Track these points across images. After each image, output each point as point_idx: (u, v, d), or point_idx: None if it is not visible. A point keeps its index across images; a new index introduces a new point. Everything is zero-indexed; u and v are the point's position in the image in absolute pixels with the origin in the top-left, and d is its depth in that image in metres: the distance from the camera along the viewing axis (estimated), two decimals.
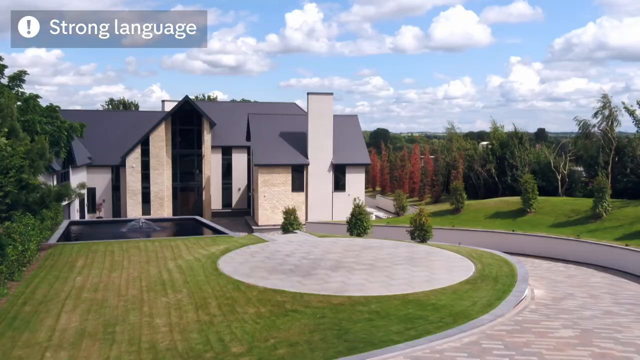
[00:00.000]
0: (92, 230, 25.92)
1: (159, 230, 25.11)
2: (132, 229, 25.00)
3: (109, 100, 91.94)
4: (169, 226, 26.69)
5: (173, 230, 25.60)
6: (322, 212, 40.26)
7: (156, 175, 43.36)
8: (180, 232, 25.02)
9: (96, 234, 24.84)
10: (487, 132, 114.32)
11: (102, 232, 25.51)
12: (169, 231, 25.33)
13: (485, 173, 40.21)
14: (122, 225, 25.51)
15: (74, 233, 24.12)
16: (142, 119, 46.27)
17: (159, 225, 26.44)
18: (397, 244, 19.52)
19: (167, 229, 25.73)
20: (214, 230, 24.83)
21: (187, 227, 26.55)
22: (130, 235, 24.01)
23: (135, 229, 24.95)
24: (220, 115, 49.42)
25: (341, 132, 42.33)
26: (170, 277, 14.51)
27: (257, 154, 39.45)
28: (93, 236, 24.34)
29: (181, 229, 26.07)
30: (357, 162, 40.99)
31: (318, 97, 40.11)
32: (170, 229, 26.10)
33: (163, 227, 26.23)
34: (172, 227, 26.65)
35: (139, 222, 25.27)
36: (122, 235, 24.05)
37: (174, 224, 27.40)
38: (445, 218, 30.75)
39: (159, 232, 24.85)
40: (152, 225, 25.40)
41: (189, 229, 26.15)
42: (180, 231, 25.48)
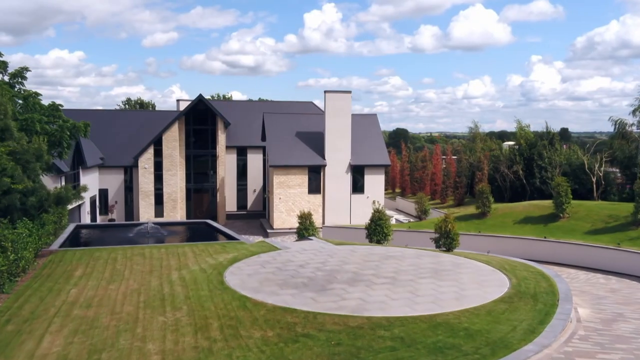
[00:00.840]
0: (99, 234, 24.96)
1: (167, 235, 24.01)
2: (139, 233, 23.97)
3: (126, 100, 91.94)
4: (178, 231, 25.59)
5: (182, 235, 24.49)
6: (339, 215, 38.87)
7: (169, 176, 42.47)
8: (189, 238, 23.90)
9: (102, 239, 23.86)
10: (508, 132, 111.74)
11: (108, 236, 24.52)
12: (178, 236, 24.22)
13: (512, 175, 38.34)
14: (130, 230, 24.50)
15: (79, 238, 23.17)
16: (156, 119, 45.45)
17: (168, 230, 25.37)
18: (421, 253, 18.03)
19: (176, 234, 24.63)
20: (225, 235, 23.65)
21: (197, 232, 25.43)
22: (137, 240, 22.99)
23: (143, 234, 23.91)
24: (236, 115, 48.40)
25: (360, 131, 40.89)
26: (172, 290, 13.29)
27: (272, 155, 38.24)
28: (98, 241, 23.37)
29: (190, 234, 24.95)
30: (377, 163, 39.49)
31: (335, 96, 38.73)
32: (179, 233, 24.99)
33: (172, 231, 25.14)
34: (182, 231, 25.55)
35: (147, 226, 24.21)
36: (129, 240, 23.04)
37: (183, 228, 26.30)
38: (470, 223, 29.09)
39: (167, 237, 23.76)
40: (160, 229, 24.33)
41: (198, 233, 25.03)
42: (190, 236, 24.35)
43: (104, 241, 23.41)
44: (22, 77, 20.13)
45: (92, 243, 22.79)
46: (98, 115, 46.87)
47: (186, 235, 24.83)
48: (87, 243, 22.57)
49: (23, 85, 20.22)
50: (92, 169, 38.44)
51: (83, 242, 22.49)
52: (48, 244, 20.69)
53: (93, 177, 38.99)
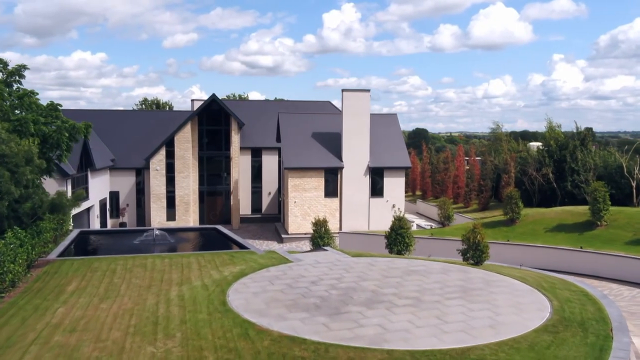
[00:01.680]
0: (103, 241, 23.86)
1: (174, 242, 22.77)
2: (145, 240, 22.78)
3: (143, 100, 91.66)
4: (186, 237, 24.34)
5: (189, 243, 23.23)
6: (357, 220, 37.32)
7: (181, 179, 41.42)
8: (196, 245, 22.62)
9: (105, 247, 22.74)
10: (530, 132, 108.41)
11: (112, 243, 23.40)
12: (185, 244, 22.96)
13: (541, 178, 36.29)
14: (136, 236, 23.32)
15: (81, 245, 22.06)
16: (170, 119, 44.47)
17: (176, 236, 24.13)
18: (447, 267, 16.40)
19: (183, 241, 23.38)
20: (235, 243, 22.31)
21: (206, 239, 24.15)
22: (142, 248, 21.82)
23: (149, 241, 22.71)
24: (251, 115, 47.19)
25: (379, 132, 39.28)
26: (167, 312, 11.93)
27: (287, 156, 36.86)
28: (101, 249, 22.24)
29: (198, 241, 23.68)
30: (397, 165, 37.82)
31: (353, 94, 37.19)
32: (187, 240, 23.74)
33: (179, 238, 23.90)
34: (189, 238, 24.30)
35: (152, 233, 23.00)
36: (133, 248, 21.88)
37: (191, 235, 25.05)
38: (498, 230, 27.27)
39: (174, 244, 22.52)
40: (167, 237, 23.10)
41: (207, 241, 23.75)
42: (197, 244, 23.08)
43: (107, 249, 22.28)
44: (19, 75, 19.06)
45: (94, 251, 21.67)
46: (110, 115, 46.13)
47: (194, 243, 23.57)
48: (89, 251, 21.45)
49: (21, 84, 19.15)
50: (101, 171, 37.55)
51: (84, 250, 21.37)
52: (46, 252, 19.62)
53: (103, 179, 38.11)
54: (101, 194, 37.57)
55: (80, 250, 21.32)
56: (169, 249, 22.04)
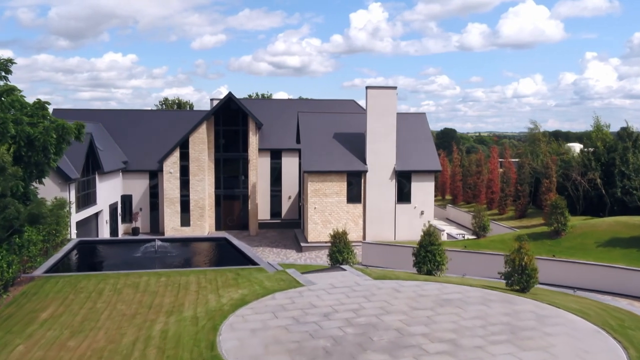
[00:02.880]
0: (101, 252, 22.03)
1: (176, 255, 20.76)
2: (146, 253, 20.85)
3: (164, 100, 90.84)
4: (191, 249, 22.32)
5: (194, 256, 21.18)
6: (382, 228, 34.78)
7: (196, 182, 39.59)
8: (201, 259, 20.53)
9: (102, 259, 20.86)
10: (562, 132, 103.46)
11: (111, 255, 21.54)
12: (189, 256, 20.92)
13: (587, 183, 33.09)
14: (139, 247, 21.41)
15: (75, 258, 20.23)
16: (187, 119, 42.59)
17: (181, 248, 22.15)
18: (487, 295, 13.82)
19: (187, 254, 21.34)
20: (244, 257, 20.16)
21: (213, 252, 22.09)
22: (142, 262, 19.91)
23: (150, 253, 20.78)
24: (271, 115, 45.13)
25: (406, 132, 36.64)
26: (143, 356, 9.76)
27: (306, 159, 34.59)
28: (96, 262, 20.37)
29: (204, 254, 21.61)
30: (426, 169, 35.13)
31: (379, 92, 34.67)
32: (192, 253, 21.70)
33: (184, 250, 21.88)
34: (194, 251, 22.26)
35: (154, 244, 21.05)
36: (132, 261, 19.98)
37: (197, 247, 23.02)
38: (541, 244, 24.40)
39: (176, 257, 20.51)
40: (170, 249, 21.11)
41: (214, 254, 21.69)
42: (203, 257, 21.00)
43: (103, 262, 20.42)
44: (5, 70, 17.26)
45: (88, 265, 19.80)
46: (124, 115, 44.68)
47: (199, 256, 21.51)
48: (82, 265, 19.59)
49: (7, 80, 17.35)
50: (112, 174, 35.97)
51: (78, 264, 19.52)
52: (33, 267, 17.83)
53: (113, 183, 36.53)
54: (111, 198, 36.00)
55: (73, 264, 19.50)
56: (170, 263, 20.07)
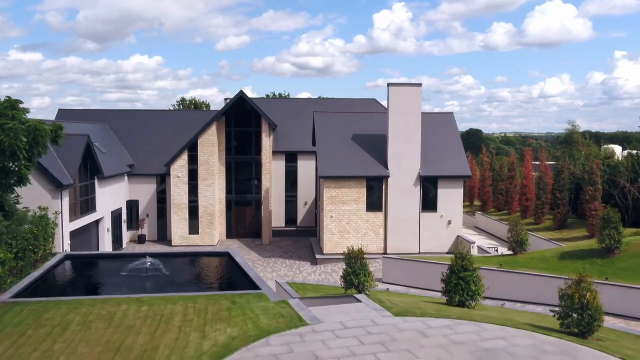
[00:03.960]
0: (86, 270, 19.68)
1: (169, 275, 18.28)
2: (135, 271, 18.43)
3: (181, 100, 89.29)
4: (187, 267, 19.80)
5: (188, 276, 18.64)
6: (405, 239, 31.87)
7: (205, 187, 37.28)
8: (195, 281, 17.98)
9: (83, 280, 18.49)
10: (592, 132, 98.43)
11: (96, 274, 19.19)
12: (183, 276, 18.39)
13: (637, 191, 29.58)
14: (127, 264, 19.00)
15: (53, 278, 17.92)
16: (198, 120, 40.30)
17: (176, 265, 19.68)
18: (540, 344, 10.88)
19: (182, 272, 18.84)
20: (246, 278, 17.59)
21: (211, 271, 19.56)
22: (129, 282, 17.52)
23: (140, 272, 18.35)
24: (287, 115, 42.71)
25: (432, 134, 33.68)
26: None
27: (322, 163, 31.90)
28: (76, 284, 17.99)
29: (200, 274, 19.05)
30: (454, 174, 32.09)
31: (402, 90, 31.77)
32: (186, 272, 19.18)
33: (179, 267, 19.39)
34: (190, 269, 19.74)
35: (145, 262, 18.60)
36: (119, 281, 17.59)
37: (194, 264, 20.50)
38: (590, 263, 21.19)
39: (169, 277, 18.03)
40: (161, 267, 18.64)
41: (212, 273, 19.14)
42: (197, 278, 18.45)
43: (83, 283, 18.05)
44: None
45: (64, 287, 17.45)
46: (132, 116, 42.72)
47: (195, 275, 18.96)
48: (59, 287, 17.25)
49: None
50: (115, 179, 33.87)
51: (54, 286, 17.20)
52: (2, 289, 15.59)
53: (117, 188, 34.43)
54: (114, 204, 33.91)
55: (49, 286, 17.18)
56: (161, 284, 17.60)
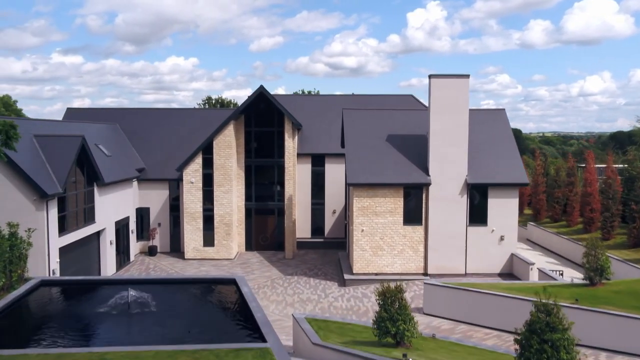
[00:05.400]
0: (56, 303, 16.24)
1: (155, 311, 14.62)
2: (116, 306, 14.87)
3: (206, 99, 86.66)
4: (180, 300, 16.06)
5: (178, 312, 14.90)
6: (449, 257, 27.55)
7: (221, 194, 33.75)
8: (185, 321, 14.19)
9: (50, 317, 14.97)
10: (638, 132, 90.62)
11: (67, 309, 15.70)
12: (171, 314, 14.66)
13: None
14: (111, 294, 15.46)
15: (13, 314, 14.48)
16: (216, 119, 36.63)
17: (165, 296, 16.03)
18: None
19: (171, 308, 15.12)
20: (251, 317, 13.82)
21: (210, 306, 15.82)
22: (105, 322, 14.04)
23: (121, 307, 14.78)
24: (314, 113, 38.90)
25: (481, 134, 29.26)
26: None
27: (352, 168, 27.87)
28: (37, 324, 14.47)
29: (195, 310, 15.27)
30: (507, 181, 27.57)
31: (446, 82, 27.45)
32: (179, 306, 15.44)
33: (169, 300, 15.70)
34: (184, 302, 15.98)
35: (126, 295, 15.00)
36: (92, 321, 14.11)
37: (190, 295, 16.76)
38: None
39: (154, 315, 14.39)
40: (149, 301, 15.00)
41: (209, 310, 15.39)
42: (191, 315, 14.66)
43: (50, 322, 14.54)
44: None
45: (24, 328, 13.95)
46: (146, 115, 39.64)
47: (187, 311, 15.19)
48: (15, 329, 13.75)
49: None
50: (120, 185, 30.67)
51: (8, 327, 13.72)
52: None
53: (122, 194, 31.23)
54: (120, 213, 30.72)
55: (4, 326, 13.73)
56: (145, 327, 13.98)
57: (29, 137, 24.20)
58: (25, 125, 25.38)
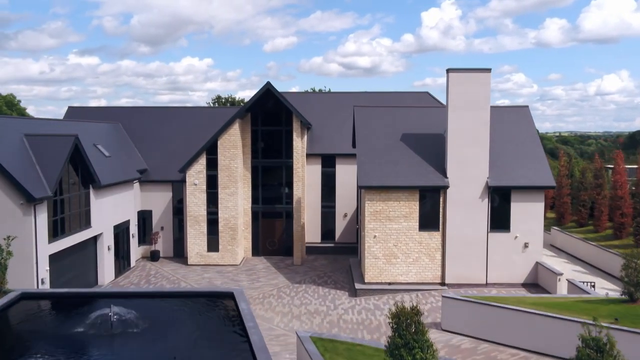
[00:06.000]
0: (31, 322, 14.76)
1: (140, 332, 13.10)
2: (96, 326, 13.38)
3: (216, 98, 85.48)
4: (170, 317, 14.50)
5: (165, 333, 13.33)
6: (468, 265, 25.72)
7: (226, 196, 32.24)
8: (174, 341, 12.62)
9: (23, 337, 13.50)
10: None
11: (41, 328, 14.21)
12: (156, 336, 13.10)
13: None
14: (88, 314, 13.96)
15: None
16: (223, 118, 35.08)
17: (153, 313, 14.50)
18: None
19: (156, 327, 13.55)
20: (246, 339, 12.25)
21: (200, 325, 14.18)
22: (84, 343, 12.57)
23: (102, 326, 13.27)
24: (324, 112, 37.31)
25: (504, 133, 27.40)
26: None
27: (364, 169, 26.16)
28: (7, 345, 13.00)
29: (184, 329, 13.68)
30: (532, 184, 25.65)
31: (465, 76, 25.62)
32: (166, 326, 13.86)
33: (157, 318, 14.14)
34: (175, 319, 14.40)
35: (109, 313, 13.47)
36: (69, 343, 12.63)
37: (181, 311, 15.20)
38: None
39: (139, 335, 12.87)
40: (134, 320, 13.46)
41: (200, 331, 13.77)
42: (178, 337, 13.08)
43: (23, 343, 13.06)
44: None
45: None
46: (150, 113, 38.32)
47: (176, 331, 13.60)
48: None
49: None
50: (119, 187, 29.29)
51: None
52: None
53: (122, 197, 29.85)
54: (118, 217, 29.34)
55: None
56: (126, 352, 12.48)
57: (19, 136, 22.89)
58: (16, 124, 24.09)
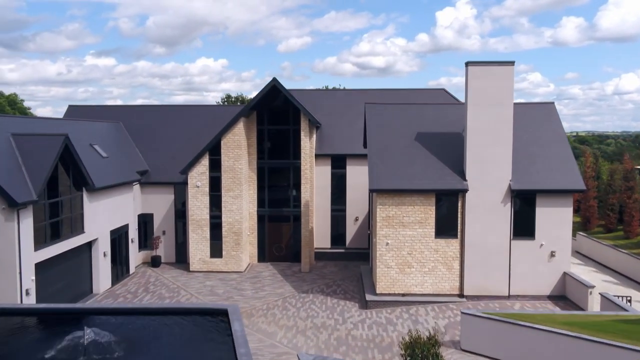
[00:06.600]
0: (6, 338, 13.29)
1: (117, 357, 11.56)
2: (69, 349, 11.85)
3: (226, 97, 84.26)
4: (153, 338, 12.94)
5: (142, 358, 11.78)
6: (489, 275, 23.87)
7: (230, 199, 30.71)
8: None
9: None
10: None
11: (11, 348, 12.72)
12: None
13: None
14: (61, 336, 12.42)
15: None
16: (229, 116, 33.53)
17: (132, 334, 12.95)
18: None
19: (135, 353, 11.99)
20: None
21: (187, 349, 12.59)
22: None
23: (75, 350, 11.76)
24: (334, 110, 35.69)
25: (528, 132, 25.51)
26: None
27: (375, 171, 24.44)
28: None
29: (172, 351, 12.09)
30: (559, 187, 23.74)
31: (486, 70, 23.78)
32: (146, 349, 12.30)
33: (136, 340, 12.59)
34: (157, 341, 12.84)
35: (84, 335, 11.95)
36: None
37: (171, 330, 13.64)
38: None
39: None
40: (110, 342, 11.92)
41: (186, 356, 12.19)
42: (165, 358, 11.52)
43: None
44: None
45: None
46: (151, 112, 36.99)
47: (161, 354, 12.04)
48: None
49: None
50: (116, 189, 27.91)
51: None
52: None
53: (119, 200, 28.46)
54: (115, 221, 27.96)
55: None
56: None
57: (6, 135, 21.55)
58: (4, 123, 22.76)
